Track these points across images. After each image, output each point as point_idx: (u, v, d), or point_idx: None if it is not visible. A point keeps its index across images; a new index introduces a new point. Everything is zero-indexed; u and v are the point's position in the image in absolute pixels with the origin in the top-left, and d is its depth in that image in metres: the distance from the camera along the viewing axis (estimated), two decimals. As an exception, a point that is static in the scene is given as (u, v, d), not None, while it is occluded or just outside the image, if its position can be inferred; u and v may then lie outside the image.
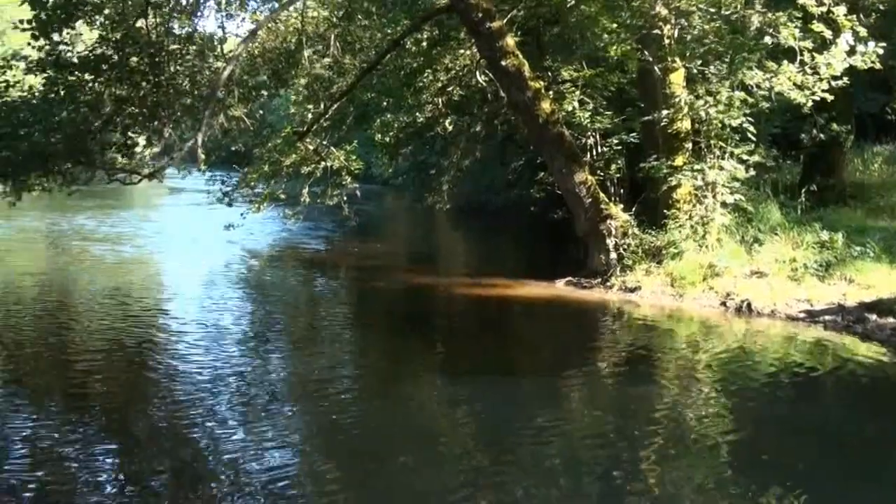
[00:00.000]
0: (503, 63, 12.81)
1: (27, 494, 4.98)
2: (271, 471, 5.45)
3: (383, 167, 31.12)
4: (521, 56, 13.00)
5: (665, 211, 12.71)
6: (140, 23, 12.63)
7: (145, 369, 8.41)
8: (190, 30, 13.71)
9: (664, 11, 11.73)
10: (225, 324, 10.69)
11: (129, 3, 12.77)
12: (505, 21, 13.38)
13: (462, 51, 16.79)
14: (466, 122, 19.56)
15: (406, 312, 12.99)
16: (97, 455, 5.83)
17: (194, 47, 13.80)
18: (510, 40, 13.01)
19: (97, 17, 12.60)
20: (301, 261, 17.75)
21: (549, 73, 15.15)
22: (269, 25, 15.18)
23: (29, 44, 12.32)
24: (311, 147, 14.56)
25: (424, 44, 16.53)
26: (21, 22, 11.80)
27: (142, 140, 14.01)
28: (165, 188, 44.93)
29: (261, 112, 17.26)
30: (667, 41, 12.07)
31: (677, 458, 5.88)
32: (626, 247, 12.88)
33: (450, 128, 19.14)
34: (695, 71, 11.78)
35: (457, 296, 13.91)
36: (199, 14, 14.59)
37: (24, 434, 6.08)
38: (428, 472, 5.61)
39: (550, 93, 13.97)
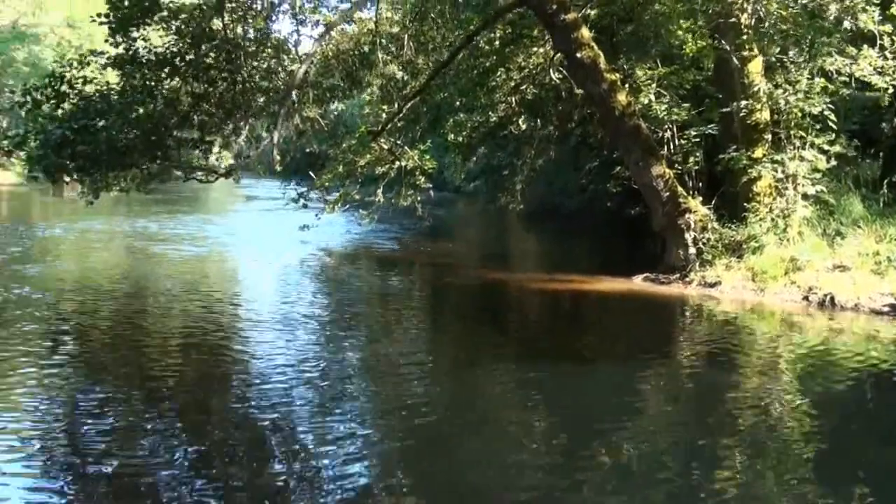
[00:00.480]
0: (578, 55, 13.06)
1: (104, 480, 5.15)
2: (344, 455, 5.67)
3: (455, 172, 31.65)
4: (596, 48, 13.21)
5: (745, 204, 12.75)
6: (216, 24, 13.40)
7: (222, 356, 8.87)
8: (264, 31, 14.40)
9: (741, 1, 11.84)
10: (300, 315, 11.20)
11: (205, 3, 13.49)
12: (579, 16, 13.66)
13: (535, 49, 17.06)
14: (540, 121, 19.87)
15: (480, 305, 13.39)
16: (174, 440, 6.07)
17: (269, 50, 14.49)
18: (585, 32, 13.24)
19: (173, 21, 13.25)
20: (375, 259, 18.42)
21: (624, 72, 15.31)
22: (343, 27, 15.84)
23: (106, 40, 13.09)
24: (385, 147, 15.08)
25: (497, 42, 16.86)
26: (98, 15, 12.59)
27: (218, 140, 14.74)
28: (240, 195, 46.83)
29: (335, 113, 17.97)
30: (744, 29, 12.18)
31: (757, 456, 5.79)
32: (705, 241, 12.97)
33: (523, 127, 19.48)
34: (773, 59, 11.84)
35: (530, 290, 14.23)
36: (273, 18, 15.25)
37: (103, 422, 6.33)
38: (500, 457, 5.78)
39: (626, 86, 14.15)
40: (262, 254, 18.22)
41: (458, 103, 18.04)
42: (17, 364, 7.98)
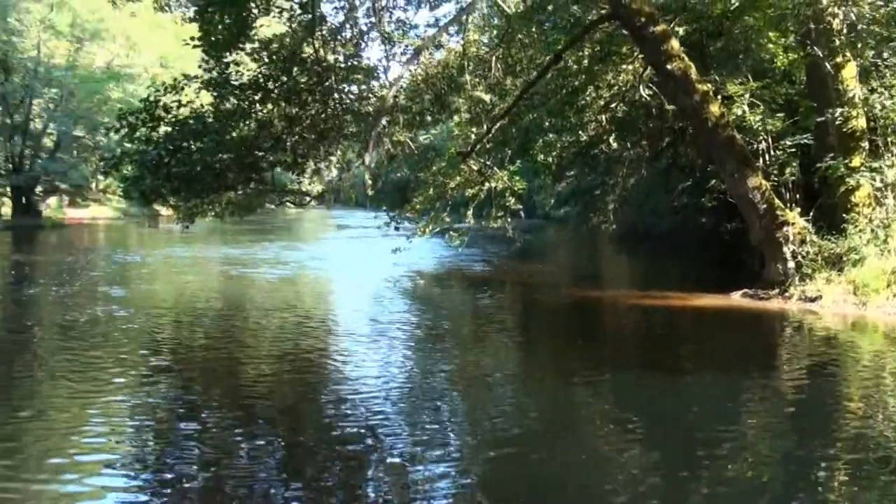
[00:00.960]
0: (669, 67, 13.20)
1: (196, 494, 5.37)
2: (439, 459, 5.97)
3: (545, 197, 31.91)
4: (686, 59, 13.35)
5: (843, 215, 12.66)
6: (307, 50, 14.17)
7: (316, 369, 9.40)
8: (354, 56, 15.12)
9: (832, 7, 11.87)
10: (393, 330, 11.84)
11: (296, 28, 14.25)
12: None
13: (624, 66, 17.28)
14: (630, 140, 20.01)
15: (573, 321, 13.65)
16: (269, 447, 6.40)
17: (359, 75, 15.22)
18: (675, 43, 13.36)
19: (264, 51, 13.95)
20: (466, 279, 18.96)
21: (715, 84, 15.37)
22: (431, 51, 16.50)
23: (199, 66, 13.98)
24: (474, 168, 15.58)
25: (586, 61, 17.11)
26: (192, 38, 13.33)
27: (311, 164, 15.49)
28: (331, 224, 48.23)
29: (425, 136, 18.67)
30: (836, 34, 12.18)
31: (860, 469, 5.74)
32: (804, 255, 12.92)
33: (614, 146, 19.69)
34: (867, 63, 11.82)
35: (624, 307, 14.38)
36: (363, 44, 15.97)
37: (200, 431, 6.69)
38: (600, 461, 6.02)
39: (718, 97, 14.21)
40: (356, 275, 19.14)
41: (547, 124, 18.45)
42: (115, 380, 8.59)
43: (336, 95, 13.98)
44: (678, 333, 12.15)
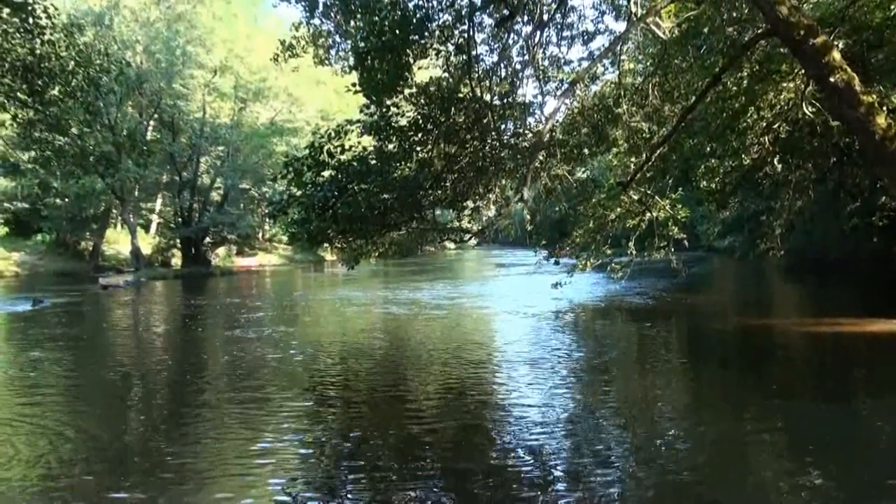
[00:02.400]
0: (831, 79, 12.62)
1: None
2: (605, 484, 6.12)
3: (709, 227, 30.80)
4: (849, 70, 12.75)
5: None
6: (463, 90, 14.42)
7: (481, 401, 9.65)
8: (509, 93, 15.21)
9: None
10: (555, 359, 12.27)
11: (452, 70, 14.52)
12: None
13: (785, 83, 16.66)
14: (795, 161, 19.18)
15: (741, 349, 13.58)
16: (433, 476, 6.67)
17: (515, 112, 15.32)
18: (836, 55, 12.80)
19: (422, 96, 14.30)
20: (628, 311, 18.92)
21: (881, 94, 14.54)
22: (586, 83, 16.40)
23: (361, 111, 14.49)
24: (635, 198, 15.31)
25: (745, 82, 16.64)
26: (353, 85, 13.85)
27: (469, 202, 15.67)
28: (490, 263, 48.73)
29: (583, 169, 18.53)
30: None
31: None
32: None
33: (778, 168, 18.90)
34: None
35: (794, 334, 13.99)
36: (517, 82, 16.05)
37: (370, 466, 7.01)
38: (772, 500, 5.89)
39: (884, 108, 13.45)
40: (517, 310, 19.50)
41: (708, 149, 17.94)
42: (285, 413, 9.13)
43: (493, 133, 14.05)
44: (851, 361, 11.75)
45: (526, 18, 14.58)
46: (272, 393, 10.27)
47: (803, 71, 14.16)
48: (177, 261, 49.47)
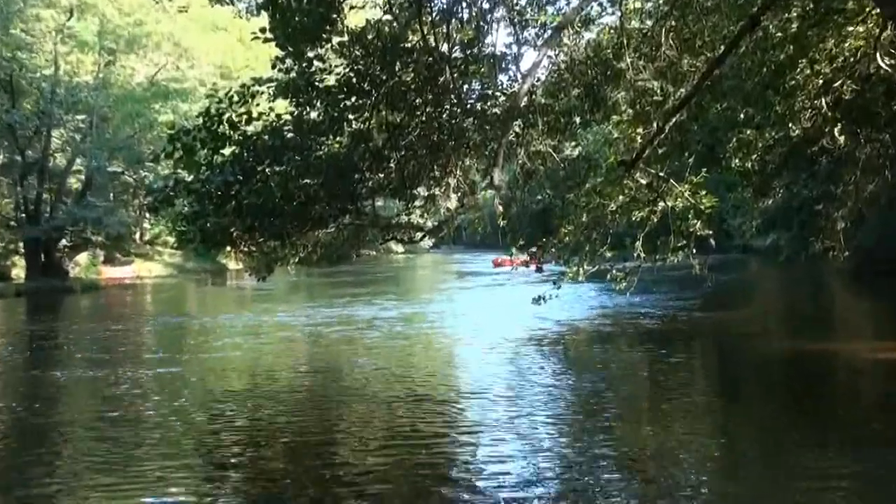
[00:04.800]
0: (922, 20, 12.82)
1: None
2: None
3: (745, 220, 31.04)
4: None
5: None
6: (412, 39, 14.42)
7: (445, 455, 9.85)
8: (474, 44, 15.21)
9: None
10: (541, 404, 12.47)
11: (396, 12, 14.47)
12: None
13: (851, 28, 16.81)
14: (865, 131, 19.36)
15: (789, 382, 13.92)
16: None
17: (482, 67, 15.35)
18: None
19: (355, 46, 14.23)
20: (636, 333, 19.26)
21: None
22: (576, 29, 16.51)
23: (273, 66, 14.37)
24: (643, 182, 15.36)
25: (794, 25, 16.74)
26: (262, 31, 13.58)
27: (422, 188, 15.65)
28: (452, 271, 48.90)
29: (573, 144, 18.69)
30: None
31: None
32: None
33: (840, 140, 19.10)
34: None
35: (863, 363, 14.32)
36: (484, 27, 16.07)
37: None
38: None
39: None
40: (487, 334, 19.85)
41: (742, 116, 18.13)
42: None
43: (452, 95, 14.07)
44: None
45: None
46: (152, 458, 10.23)
47: (877, 9, 14.37)
48: (19, 272, 47.59)
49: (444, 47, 14.54)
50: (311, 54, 13.89)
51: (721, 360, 16.22)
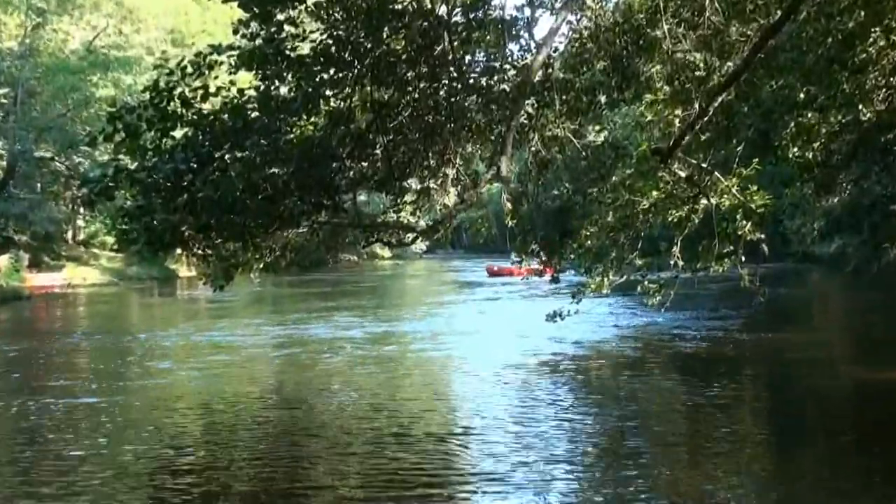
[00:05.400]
0: None
1: None
2: None
3: (803, 223, 30.95)
4: None
5: None
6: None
7: None
8: (480, 7, 15.09)
9: None
10: (555, 442, 12.59)
11: None
12: None
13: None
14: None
15: (866, 423, 13.85)
16: None
17: (488, 35, 15.28)
18: None
19: (336, 4, 14.05)
20: (671, 360, 19.38)
21: None
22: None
23: (235, 31, 14.08)
24: (681, 174, 15.34)
25: (868, -15, 16.75)
26: None
27: (414, 180, 15.55)
28: (449, 281, 48.87)
29: (597, 128, 18.66)
30: None
31: None
32: None
33: (922, 125, 19.13)
34: None
35: None
36: None
37: None
38: None
39: None
40: (492, 358, 19.94)
41: (801, 96, 18.14)
42: None
43: (452, 68, 14.02)
44: None
45: None
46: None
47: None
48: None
49: (443, 9, 14.44)
50: (280, 17, 13.75)
51: (775, 393, 16.21)
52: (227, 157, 13.28)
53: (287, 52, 13.77)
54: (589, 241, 16.39)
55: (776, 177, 22.24)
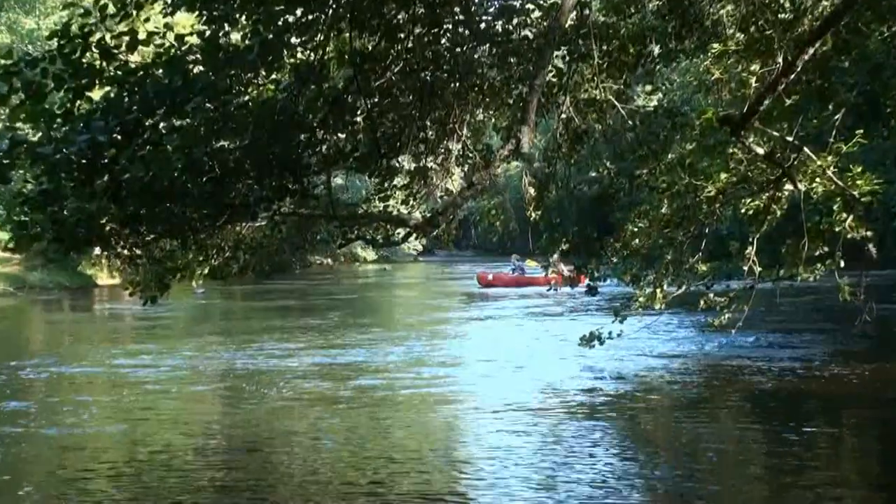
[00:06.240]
0: None
1: None
2: None
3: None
4: None
5: None
6: None
7: None
8: None
9: None
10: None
11: None
12: None
13: None
14: None
15: None
16: None
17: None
18: None
19: None
20: (747, 397, 19.42)
21: None
22: None
23: None
24: (759, 150, 15.31)
25: None
26: None
27: (406, 157, 15.42)
28: (454, 292, 48.95)
29: (648, 88, 18.63)
30: None
31: None
32: None
33: None
34: None
35: None
36: None
37: None
38: None
39: None
40: (509, 395, 20.09)
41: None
42: None
43: (457, 8, 14.00)
44: None
45: None
46: None
47: None
48: None
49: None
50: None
51: (887, 442, 16.15)
52: (161, 125, 12.97)
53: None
54: (636, 240, 16.23)
55: (889, 154, 22.15)
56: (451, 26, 14.01)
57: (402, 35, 14.03)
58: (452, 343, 30.20)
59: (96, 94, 12.93)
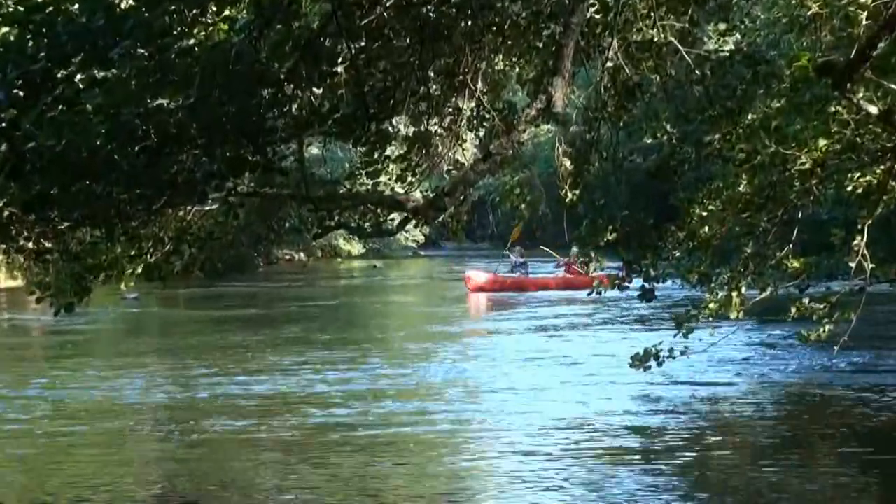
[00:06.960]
0: None
1: None
2: None
3: None
4: None
5: None
6: None
7: None
8: None
9: None
10: None
11: None
12: None
13: None
14: None
15: None
16: None
17: None
18: None
19: None
20: (852, 436, 19.25)
21: None
22: None
23: None
24: (869, 108, 15.14)
25: None
26: None
27: (403, 119, 15.19)
28: (461, 301, 49.06)
29: (720, 30, 18.49)
30: None
31: None
32: None
33: None
34: None
35: None
36: None
37: None
38: None
39: None
40: (543, 431, 19.96)
41: None
42: None
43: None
44: None
45: None
46: None
47: None
48: None
49: None
50: None
51: None
52: (77, 78, 12.78)
53: None
54: (706, 228, 16.05)
55: None
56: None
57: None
58: (459, 366, 29.95)
59: (12, 39, 12.65)
